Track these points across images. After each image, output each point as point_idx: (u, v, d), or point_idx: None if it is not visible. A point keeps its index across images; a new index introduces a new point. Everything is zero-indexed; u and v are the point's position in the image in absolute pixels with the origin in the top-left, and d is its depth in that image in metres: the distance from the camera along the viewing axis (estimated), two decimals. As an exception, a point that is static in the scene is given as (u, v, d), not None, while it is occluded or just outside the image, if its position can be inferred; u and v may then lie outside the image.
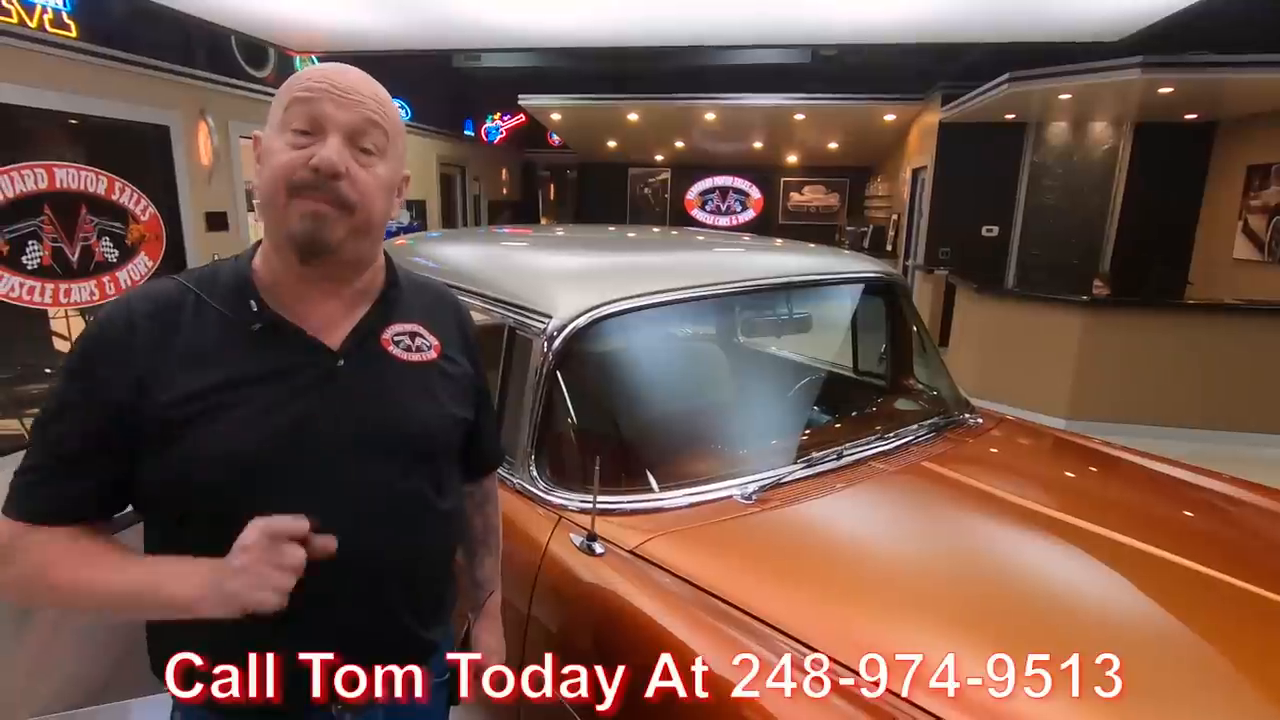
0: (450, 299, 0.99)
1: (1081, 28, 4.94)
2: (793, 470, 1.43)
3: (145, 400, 0.75)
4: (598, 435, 1.50)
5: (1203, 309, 5.02)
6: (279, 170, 0.75)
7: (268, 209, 0.78)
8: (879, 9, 4.79)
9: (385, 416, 0.84)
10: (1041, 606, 1.12)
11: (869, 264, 1.97)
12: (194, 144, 5.09)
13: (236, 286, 0.81)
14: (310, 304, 0.82)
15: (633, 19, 5.40)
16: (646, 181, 12.43)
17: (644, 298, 1.47)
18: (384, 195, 0.81)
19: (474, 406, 0.96)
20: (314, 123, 0.76)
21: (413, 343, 0.88)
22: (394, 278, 0.90)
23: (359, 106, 0.77)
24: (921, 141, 7.88)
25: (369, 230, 0.81)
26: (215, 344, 0.78)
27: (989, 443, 1.74)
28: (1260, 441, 4.49)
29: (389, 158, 0.81)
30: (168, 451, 0.75)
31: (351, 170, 0.76)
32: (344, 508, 0.79)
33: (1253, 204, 5.97)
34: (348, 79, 0.78)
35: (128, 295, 0.80)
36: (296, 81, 0.78)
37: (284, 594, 0.71)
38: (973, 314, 5.69)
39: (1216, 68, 4.76)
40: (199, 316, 0.79)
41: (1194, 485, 1.61)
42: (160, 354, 0.76)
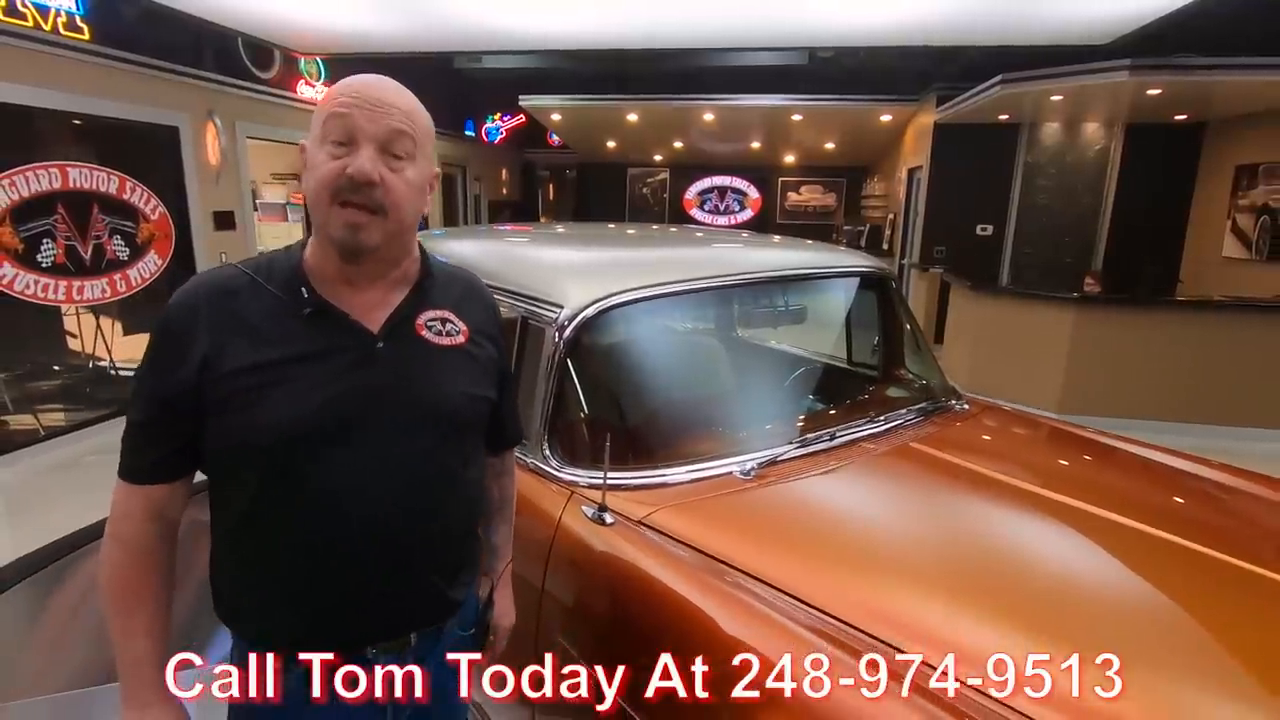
0: (479, 288, 1.08)
1: (1072, 30, 5.05)
2: (787, 449, 1.53)
3: (210, 373, 0.84)
4: (606, 417, 1.60)
5: (1192, 306, 5.12)
6: (322, 179, 0.84)
7: (315, 212, 0.87)
8: (875, 12, 4.89)
9: (419, 394, 0.92)
10: (1019, 571, 1.22)
11: (861, 259, 2.07)
12: (202, 144, 5.19)
13: (289, 274, 0.90)
14: (353, 292, 0.92)
15: (633, 22, 5.50)
16: (645, 181, 12.53)
17: (648, 289, 1.57)
18: (415, 196, 0.90)
19: (498, 388, 1.05)
20: (348, 135, 0.85)
21: (444, 328, 0.97)
22: (428, 268, 0.99)
23: (387, 118, 0.86)
24: (917, 142, 7.99)
25: (401, 231, 0.90)
26: (270, 325, 0.88)
27: (975, 426, 1.84)
28: (1250, 435, 4.59)
29: (418, 161, 0.90)
30: (229, 419, 0.85)
31: (384, 177, 0.85)
32: (381, 474, 0.89)
33: (1241, 203, 6.08)
34: (378, 92, 0.87)
35: (195, 280, 0.90)
36: (332, 96, 0.87)
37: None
38: (967, 311, 5.79)
39: (1203, 70, 4.86)
40: (256, 300, 0.89)
41: (1172, 468, 1.69)
42: (223, 332, 0.86)
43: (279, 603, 0.91)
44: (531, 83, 8.56)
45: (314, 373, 0.87)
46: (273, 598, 0.91)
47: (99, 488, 0.90)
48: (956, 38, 5.55)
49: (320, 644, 0.91)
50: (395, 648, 0.96)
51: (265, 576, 0.90)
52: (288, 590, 0.90)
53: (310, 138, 0.88)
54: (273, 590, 0.90)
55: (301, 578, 0.89)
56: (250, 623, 0.93)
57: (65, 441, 4.21)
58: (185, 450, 0.88)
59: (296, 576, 0.89)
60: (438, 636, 1.01)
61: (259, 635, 0.92)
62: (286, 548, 0.88)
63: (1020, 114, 6.65)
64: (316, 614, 0.90)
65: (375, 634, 0.94)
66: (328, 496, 0.87)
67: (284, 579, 0.89)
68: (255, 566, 0.90)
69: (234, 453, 0.87)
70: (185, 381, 0.84)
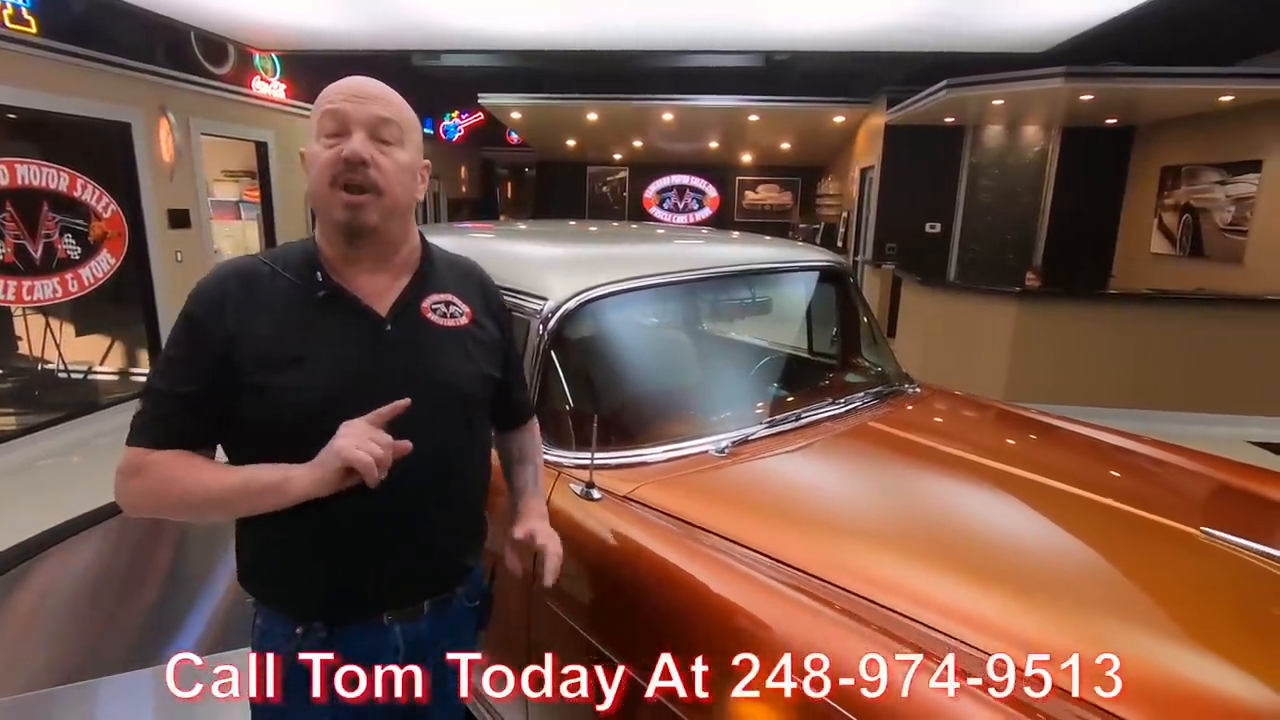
0: (478, 273, 1.16)
1: (1011, 39, 5.33)
2: (757, 429, 1.65)
3: (234, 352, 0.92)
4: (589, 401, 1.70)
5: (1124, 299, 5.48)
6: (322, 167, 0.93)
7: (317, 201, 0.96)
8: (829, 19, 5.08)
9: (425, 371, 1.00)
10: (968, 529, 1.36)
11: (820, 254, 2.21)
12: (155, 141, 5.07)
13: (305, 261, 0.98)
14: (361, 278, 1.00)
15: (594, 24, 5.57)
16: (605, 180, 12.61)
17: (626, 282, 1.67)
18: (406, 177, 0.98)
19: (502, 367, 1.13)
20: (340, 125, 0.94)
21: (448, 310, 1.05)
22: (430, 255, 1.07)
23: (373, 106, 0.95)
24: (869, 143, 8.26)
25: (397, 210, 0.98)
26: (288, 308, 0.95)
27: (926, 408, 1.99)
28: (1182, 419, 4.91)
29: (406, 146, 0.98)
30: (253, 393, 0.92)
31: (376, 158, 0.94)
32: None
33: (1166, 203, 6.50)
34: (363, 87, 0.96)
35: (219, 268, 0.98)
36: (324, 97, 0.96)
37: (376, 464, 0.85)
38: (917, 305, 6.05)
39: (1132, 78, 5.20)
40: (275, 285, 0.96)
41: (1104, 441, 1.87)
42: (246, 315, 0.93)
43: (300, 571, 0.98)
44: (491, 81, 8.56)
45: (330, 352, 0.95)
46: (294, 566, 0.98)
47: (52, 489, 0.93)
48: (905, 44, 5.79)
49: (339, 610, 0.99)
50: (410, 614, 1.04)
51: (287, 545, 0.97)
52: (309, 558, 0.97)
53: (310, 139, 0.97)
54: (294, 559, 0.98)
55: (322, 545, 0.96)
56: (272, 590, 1.01)
57: (15, 446, 4.09)
58: (207, 422, 0.94)
59: (317, 545, 0.96)
60: (449, 604, 1.09)
61: (281, 602, 1.00)
62: (307, 516, 0.94)
63: (965, 117, 6.96)
64: (336, 581, 0.98)
65: (392, 600, 1.02)
66: None
67: (305, 547, 0.97)
68: (277, 536, 0.96)
69: (256, 426, 0.94)
70: (211, 360, 0.92)
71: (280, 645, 0.99)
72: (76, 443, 4.40)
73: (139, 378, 5.24)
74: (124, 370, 5.29)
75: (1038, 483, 1.49)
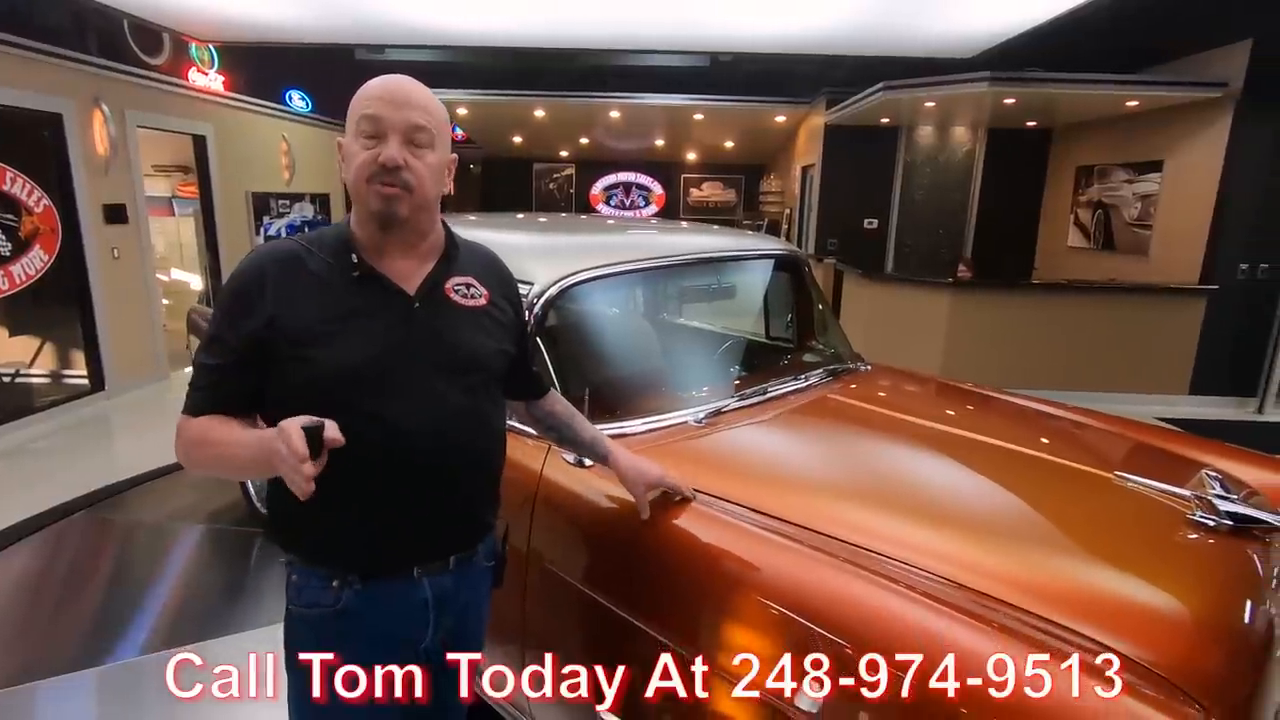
0: (495, 260, 1.27)
1: (940, 44, 5.68)
2: (730, 402, 1.80)
3: (276, 328, 1.00)
4: (574, 378, 1.81)
5: (1045, 288, 5.94)
6: (360, 166, 1.03)
7: (355, 192, 1.05)
8: (772, 23, 5.31)
9: (449, 346, 1.10)
10: (917, 478, 1.54)
11: (778, 244, 2.38)
12: (89, 133, 4.88)
13: (340, 244, 1.07)
14: (392, 260, 1.09)
15: (542, 22, 5.64)
16: (551, 176, 12.64)
17: (606, 268, 1.79)
18: (434, 176, 1.08)
19: (517, 344, 1.24)
20: (377, 129, 1.03)
21: (469, 291, 1.16)
22: (454, 242, 1.17)
23: (410, 113, 1.04)
24: (809, 142, 8.58)
25: (426, 204, 1.08)
26: (325, 287, 1.04)
27: (876, 383, 2.18)
28: (1104, 399, 5.33)
29: (437, 147, 1.08)
30: (295, 366, 1.01)
31: (409, 161, 1.03)
32: (423, 413, 1.07)
33: (1081, 200, 7.00)
34: (400, 91, 1.05)
35: (259, 250, 1.06)
36: (363, 96, 1.04)
37: (295, 455, 0.86)
38: (858, 297, 6.36)
39: (1049, 83, 5.60)
40: (312, 266, 1.05)
41: (1029, 407, 2.12)
42: (286, 294, 1.02)
43: (335, 528, 1.06)
44: (436, 76, 8.47)
45: (363, 327, 1.04)
46: (330, 524, 1.06)
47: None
48: (843, 47, 6.09)
49: (376, 565, 1.08)
50: (437, 569, 1.13)
51: (323, 505, 1.05)
52: (344, 517, 1.06)
53: (346, 135, 1.06)
54: (330, 517, 1.06)
55: (357, 504, 1.05)
56: (308, 546, 1.09)
57: (-54, 452, 3.91)
58: (249, 393, 1.03)
59: (352, 503, 1.05)
60: (471, 561, 1.19)
61: (317, 557, 1.08)
62: (343, 477, 1.01)
63: (899, 118, 7.32)
64: (374, 536, 1.07)
65: (423, 553, 1.12)
66: (378, 431, 1.03)
67: (341, 506, 1.05)
68: (318, 495, 1.04)
69: (297, 392, 1.01)
70: (254, 334, 1.00)
71: (320, 598, 1.07)
72: (11, 448, 4.22)
73: (74, 380, 5.03)
74: (56, 372, 5.07)
75: (976, 440, 1.69)
